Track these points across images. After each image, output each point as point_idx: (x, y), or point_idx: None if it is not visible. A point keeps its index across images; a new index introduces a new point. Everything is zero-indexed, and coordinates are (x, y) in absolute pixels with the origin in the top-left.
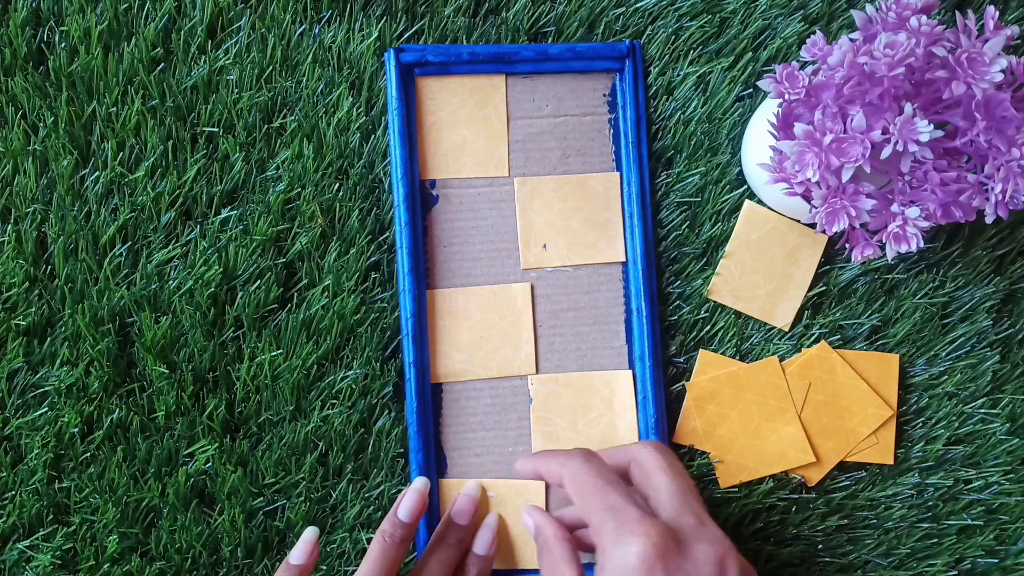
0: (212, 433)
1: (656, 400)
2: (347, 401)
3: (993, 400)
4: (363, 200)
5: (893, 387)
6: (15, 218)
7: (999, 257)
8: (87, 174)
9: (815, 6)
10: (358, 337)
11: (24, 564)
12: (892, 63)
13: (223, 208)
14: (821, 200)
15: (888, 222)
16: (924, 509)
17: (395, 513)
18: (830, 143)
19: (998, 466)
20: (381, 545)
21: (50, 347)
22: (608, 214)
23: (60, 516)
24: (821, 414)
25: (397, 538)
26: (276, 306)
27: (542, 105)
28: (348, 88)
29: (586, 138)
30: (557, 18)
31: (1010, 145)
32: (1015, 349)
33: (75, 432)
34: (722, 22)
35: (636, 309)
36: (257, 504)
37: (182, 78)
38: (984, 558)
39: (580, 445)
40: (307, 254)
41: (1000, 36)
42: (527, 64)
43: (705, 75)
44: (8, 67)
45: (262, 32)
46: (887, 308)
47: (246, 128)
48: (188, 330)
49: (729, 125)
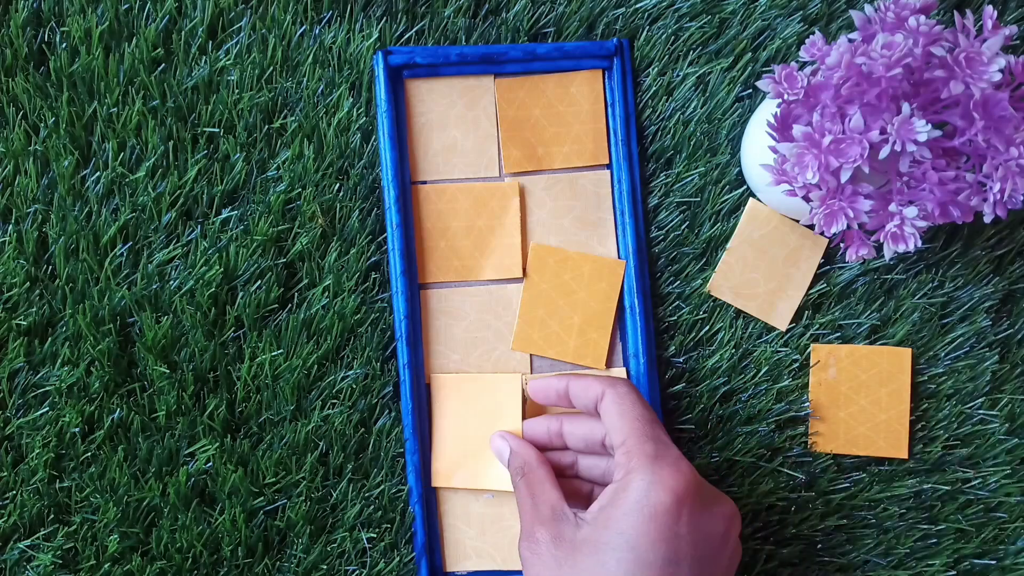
0: (213, 433)
1: (650, 397)
2: (347, 401)
3: (992, 400)
4: (363, 200)
5: (906, 381)
6: (16, 218)
7: (998, 257)
8: (88, 174)
9: (814, 7)
10: (358, 337)
11: (25, 564)
12: (889, 64)
13: (224, 208)
14: (819, 201)
15: (886, 222)
16: (923, 509)
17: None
18: (829, 144)
19: (997, 466)
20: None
21: (51, 347)
22: (600, 212)
23: (61, 516)
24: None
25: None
26: (277, 306)
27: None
28: (348, 88)
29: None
30: (557, 18)
31: (1008, 144)
32: (1014, 349)
33: (76, 432)
34: (722, 23)
35: (629, 306)
36: (258, 504)
37: (183, 78)
38: (983, 558)
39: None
40: (308, 254)
41: (998, 36)
42: (516, 64)
43: (705, 75)
44: (9, 67)
45: (262, 33)
46: (886, 308)
47: (247, 128)
48: (189, 330)
49: (728, 125)
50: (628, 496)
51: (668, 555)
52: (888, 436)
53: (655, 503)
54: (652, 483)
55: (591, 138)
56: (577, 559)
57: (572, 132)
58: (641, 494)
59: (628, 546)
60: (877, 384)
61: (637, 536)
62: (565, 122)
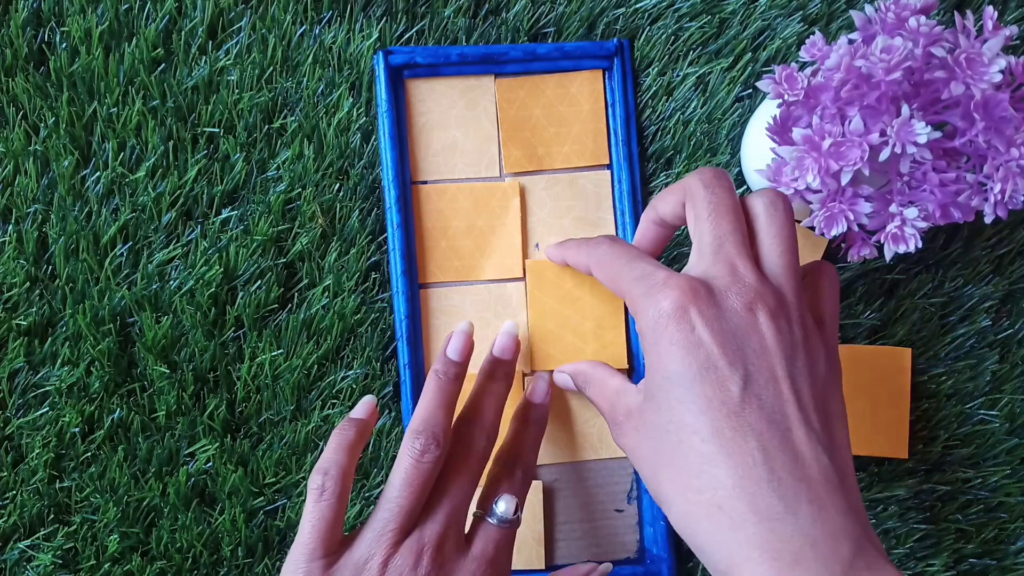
0: (213, 433)
1: None
2: (348, 401)
3: (992, 400)
4: (363, 200)
5: (905, 381)
6: (16, 218)
7: (998, 257)
8: (88, 174)
9: (814, 7)
10: (358, 337)
11: (25, 564)
12: (889, 67)
13: (224, 208)
14: (819, 204)
15: (886, 223)
16: (923, 509)
17: (444, 353)
18: (829, 147)
19: (997, 466)
20: (436, 382)
21: (51, 347)
22: (600, 212)
23: (61, 516)
24: None
25: (451, 375)
26: (277, 306)
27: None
28: (348, 88)
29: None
30: (557, 18)
31: (1009, 145)
32: (1014, 349)
33: (76, 432)
34: (722, 23)
35: None
36: (258, 504)
37: (183, 78)
38: (983, 558)
39: (577, 447)
40: (308, 254)
41: (999, 36)
42: (516, 64)
43: (704, 76)
44: (9, 67)
45: (263, 33)
46: (887, 308)
47: (247, 128)
48: (189, 330)
49: (728, 126)
50: (644, 342)
51: (702, 363)
52: (888, 436)
53: (660, 332)
54: (654, 312)
55: (591, 138)
56: (648, 420)
57: (572, 132)
58: (648, 332)
59: (670, 381)
60: (877, 384)
61: (667, 368)
62: (565, 122)
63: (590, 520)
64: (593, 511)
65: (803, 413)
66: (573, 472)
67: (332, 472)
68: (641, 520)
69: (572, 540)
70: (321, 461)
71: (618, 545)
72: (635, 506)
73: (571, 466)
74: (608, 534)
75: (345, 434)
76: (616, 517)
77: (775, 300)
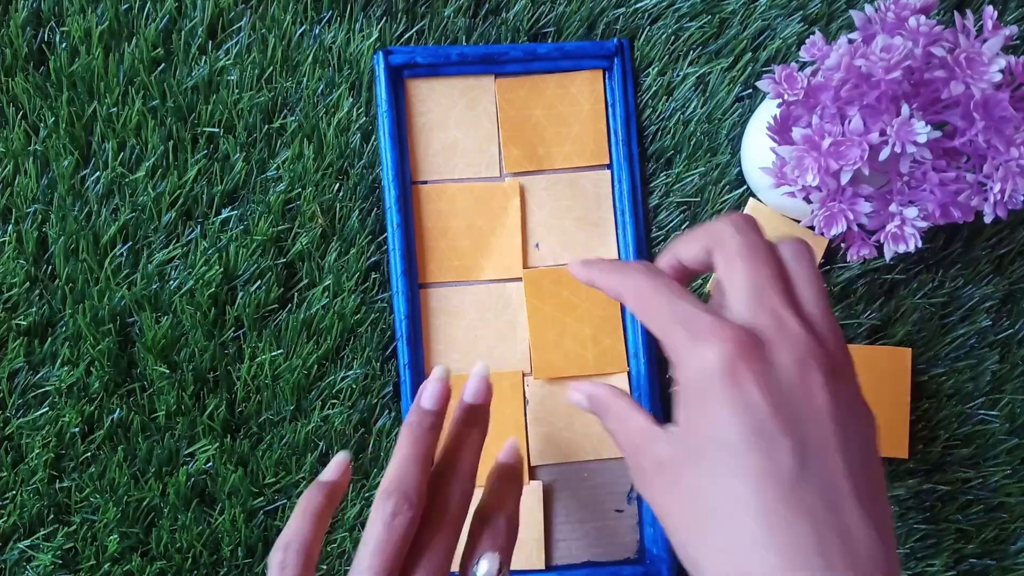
0: (213, 433)
1: (651, 398)
2: (347, 401)
3: (992, 400)
4: (363, 200)
5: (906, 381)
6: (16, 218)
7: (999, 257)
8: (88, 174)
9: (814, 6)
10: (358, 337)
11: (25, 564)
12: (888, 67)
13: (224, 208)
14: (819, 203)
15: (886, 222)
16: (923, 509)
17: (418, 404)
18: (828, 147)
19: (998, 466)
20: (410, 435)
21: (51, 347)
22: (600, 212)
23: (61, 516)
24: None
25: (426, 425)
26: (276, 306)
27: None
28: (348, 88)
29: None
30: (557, 18)
31: (1009, 145)
32: (1015, 349)
33: (76, 432)
34: (722, 23)
35: None
36: (258, 504)
37: (183, 78)
38: (983, 558)
39: (577, 447)
40: (307, 254)
41: (999, 36)
42: (516, 64)
43: (705, 75)
44: (9, 67)
45: (262, 32)
46: (887, 308)
47: (247, 128)
48: (189, 330)
49: (728, 125)
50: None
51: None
52: (888, 436)
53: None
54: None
55: (591, 138)
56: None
57: (572, 132)
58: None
59: (717, 445)
60: (877, 384)
61: (714, 430)
62: (565, 122)
63: (590, 520)
64: (593, 511)
65: (853, 483)
66: (573, 472)
67: (294, 545)
68: (641, 520)
69: (572, 540)
70: (284, 532)
71: (618, 545)
72: (635, 506)
73: (571, 466)
74: (608, 534)
75: (312, 500)
76: (616, 517)
77: (824, 354)
